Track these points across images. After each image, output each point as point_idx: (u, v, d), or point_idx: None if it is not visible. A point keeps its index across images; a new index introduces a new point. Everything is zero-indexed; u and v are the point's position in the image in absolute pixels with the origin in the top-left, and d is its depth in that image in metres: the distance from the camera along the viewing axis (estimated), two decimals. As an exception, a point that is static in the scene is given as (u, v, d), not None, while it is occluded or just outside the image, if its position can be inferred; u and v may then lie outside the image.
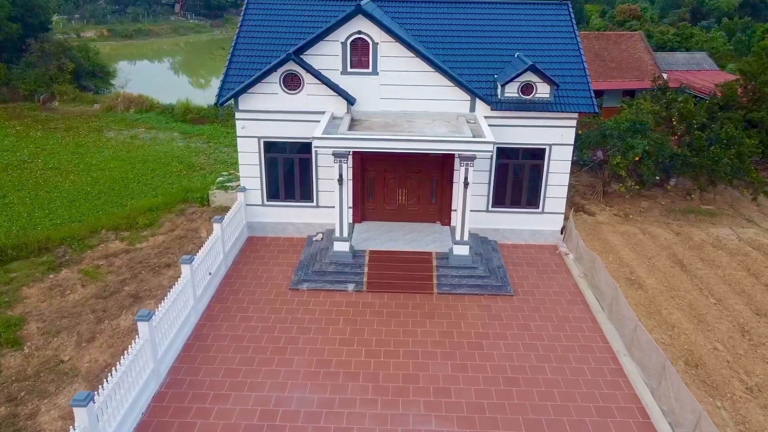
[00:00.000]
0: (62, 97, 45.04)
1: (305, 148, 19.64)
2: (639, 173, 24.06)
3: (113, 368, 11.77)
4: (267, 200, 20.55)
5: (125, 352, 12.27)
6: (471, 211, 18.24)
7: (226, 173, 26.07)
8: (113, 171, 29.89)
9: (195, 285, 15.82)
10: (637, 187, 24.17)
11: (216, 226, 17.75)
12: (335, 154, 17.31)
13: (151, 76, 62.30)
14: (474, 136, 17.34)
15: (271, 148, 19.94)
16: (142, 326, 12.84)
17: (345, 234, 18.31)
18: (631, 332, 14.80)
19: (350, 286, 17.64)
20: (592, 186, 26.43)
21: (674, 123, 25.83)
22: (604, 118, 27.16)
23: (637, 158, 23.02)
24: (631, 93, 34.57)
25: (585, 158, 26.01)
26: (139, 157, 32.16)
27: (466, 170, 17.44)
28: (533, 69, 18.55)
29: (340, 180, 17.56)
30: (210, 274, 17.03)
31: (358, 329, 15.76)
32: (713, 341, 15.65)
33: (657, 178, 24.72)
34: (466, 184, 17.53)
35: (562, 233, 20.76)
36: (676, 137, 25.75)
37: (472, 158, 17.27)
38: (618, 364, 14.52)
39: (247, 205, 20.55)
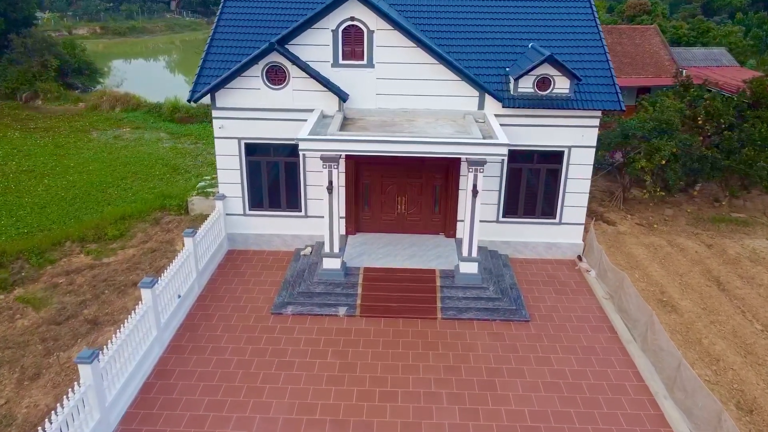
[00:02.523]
0: (46, 95, 42.79)
1: (292, 150, 17.34)
2: (664, 178, 21.74)
3: (46, 422, 9.51)
4: (249, 209, 18.26)
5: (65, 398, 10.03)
6: (479, 221, 15.94)
7: (209, 177, 23.80)
8: (92, 174, 27.73)
9: (159, 312, 13.53)
10: (662, 193, 21.84)
11: (188, 241, 15.45)
12: (324, 158, 15.02)
13: (146, 75, 60.16)
14: (484, 137, 15.04)
15: (253, 150, 17.64)
16: (83, 370, 10.55)
17: (336, 249, 16.01)
18: (672, 369, 12.49)
19: (341, 310, 15.35)
20: (610, 192, 24.13)
21: (700, 122, 23.52)
22: (622, 118, 24.84)
23: (663, 161, 20.69)
24: (645, 90, 32.26)
25: (602, 161, 23.69)
26: (121, 159, 29.98)
27: (475, 177, 15.14)
28: (551, 60, 16.24)
29: (330, 188, 15.26)
30: (179, 297, 14.74)
31: (349, 364, 13.45)
32: (767, 379, 13.33)
33: (681, 182, 22.41)
34: (475, 192, 15.22)
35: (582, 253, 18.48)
36: (702, 138, 23.42)
37: (483, 163, 14.96)
38: (658, 409, 12.19)
39: (226, 214, 18.26)
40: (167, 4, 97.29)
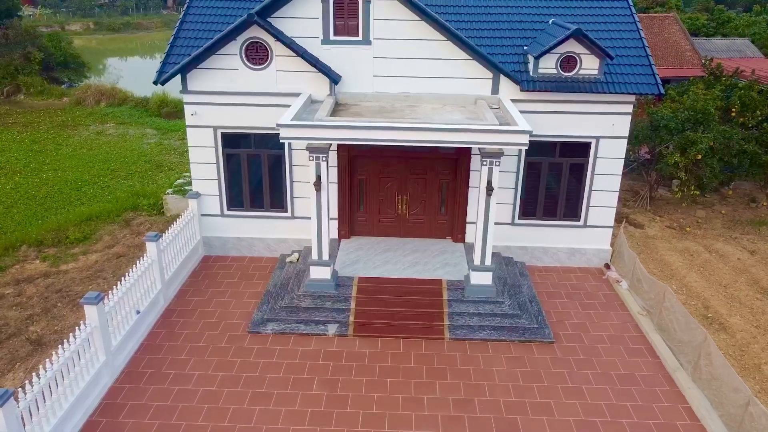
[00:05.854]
0: (28, 89, 40.67)
1: (276, 141, 14.96)
2: (697, 175, 19.36)
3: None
4: (227, 209, 15.94)
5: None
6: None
7: (188, 174, 21.43)
8: (68, 171, 25.55)
9: (109, 333, 11.21)
10: (697, 192, 19.45)
11: (150, 247, 13.11)
12: (310, 149, 12.68)
13: (141, 72, 57.95)
14: (501, 125, 12.68)
15: (231, 141, 15.32)
16: (-7, 414, 8.23)
17: (325, 256, 13.66)
18: (734, 405, 10.13)
19: (331, 329, 12.99)
20: (634, 191, 21.74)
21: (734, 114, 21.17)
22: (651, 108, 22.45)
23: (699, 156, 18.32)
24: (665, 83, 29.84)
25: (626, 157, 21.28)
26: (101, 156, 27.80)
27: (490, 171, 12.79)
28: (578, 35, 13.87)
29: (318, 184, 12.92)
30: (138, 312, 12.41)
31: (338, 396, 11.09)
32: None
33: (717, 180, 20.03)
34: (489, 189, 12.87)
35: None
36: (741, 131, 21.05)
37: (499, 155, 12.61)
38: (721, 459, 9.85)
39: (201, 215, 15.94)
40: (164, 0, 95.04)
